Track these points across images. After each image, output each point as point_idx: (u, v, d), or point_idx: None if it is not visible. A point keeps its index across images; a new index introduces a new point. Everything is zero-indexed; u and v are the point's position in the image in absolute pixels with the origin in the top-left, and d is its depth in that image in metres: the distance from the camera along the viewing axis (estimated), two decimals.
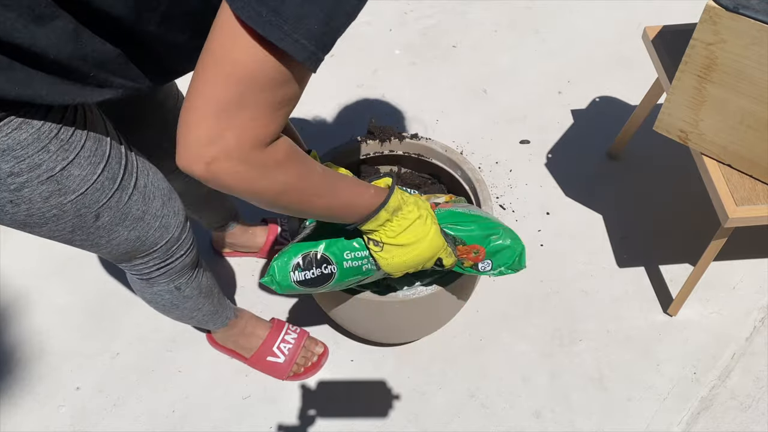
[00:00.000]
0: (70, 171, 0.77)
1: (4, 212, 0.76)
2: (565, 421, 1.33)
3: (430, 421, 1.34)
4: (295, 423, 1.34)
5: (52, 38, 0.65)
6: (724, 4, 1.03)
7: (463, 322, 1.46)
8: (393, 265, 0.93)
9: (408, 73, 2.06)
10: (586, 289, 1.53)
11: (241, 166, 0.66)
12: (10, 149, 0.71)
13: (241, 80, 0.62)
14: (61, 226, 0.82)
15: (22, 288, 1.57)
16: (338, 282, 0.99)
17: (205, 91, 0.63)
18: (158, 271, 1.03)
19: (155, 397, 1.39)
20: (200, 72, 0.63)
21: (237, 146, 0.65)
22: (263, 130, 0.66)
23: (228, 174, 0.66)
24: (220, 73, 0.62)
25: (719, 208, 1.20)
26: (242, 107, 0.63)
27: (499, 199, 1.71)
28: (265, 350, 1.37)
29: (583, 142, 1.83)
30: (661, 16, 1.96)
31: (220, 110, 0.63)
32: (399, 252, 0.92)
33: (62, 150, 0.75)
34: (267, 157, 0.68)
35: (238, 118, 0.63)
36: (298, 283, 0.98)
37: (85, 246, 0.89)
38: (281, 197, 0.74)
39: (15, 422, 1.36)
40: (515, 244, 1.04)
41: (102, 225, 0.86)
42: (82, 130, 0.78)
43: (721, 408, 1.33)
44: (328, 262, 0.97)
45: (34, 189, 0.75)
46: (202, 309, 1.20)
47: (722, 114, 1.17)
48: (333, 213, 0.83)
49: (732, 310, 1.47)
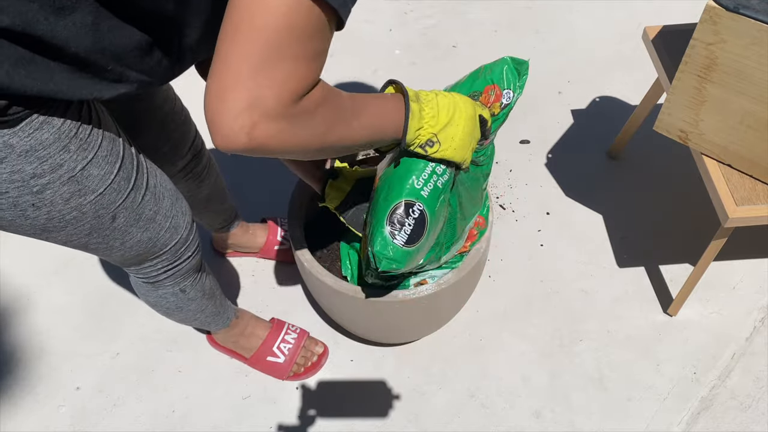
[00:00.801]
0: (90, 171, 0.77)
1: (26, 217, 0.76)
2: (565, 421, 1.33)
3: (430, 421, 1.34)
4: (295, 423, 1.34)
5: (72, 30, 0.65)
6: (724, 4, 1.03)
7: (463, 322, 1.47)
8: (458, 148, 0.88)
9: (408, 73, 2.06)
10: (586, 289, 1.53)
11: (284, 123, 0.62)
12: (33, 150, 0.70)
13: (276, 31, 0.58)
14: (79, 229, 0.82)
15: (22, 288, 1.57)
16: (434, 216, 0.93)
17: (236, 49, 0.59)
18: (165, 273, 1.03)
19: (155, 397, 1.39)
20: (228, 31, 0.60)
21: (278, 104, 0.61)
22: (303, 82, 0.62)
23: (273, 136, 0.62)
24: (253, 27, 0.58)
25: (719, 208, 1.20)
26: (280, 60, 0.59)
27: (499, 199, 1.71)
28: (265, 350, 1.37)
29: (583, 142, 1.84)
30: (661, 16, 1.97)
31: (257, 67, 0.59)
32: (452, 131, 0.87)
33: (82, 149, 0.75)
34: (307, 106, 0.65)
35: (277, 73, 0.59)
36: (408, 242, 0.91)
37: (100, 250, 0.89)
38: (327, 137, 0.70)
39: (15, 422, 1.36)
40: (500, 61, 1.02)
41: (118, 226, 0.86)
42: (98, 129, 0.78)
43: (721, 408, 1.33)
44: (410, 205, 0.91)
45: (56, 190, 0.75)
46: (205, 311, 1.20)
47: (722, 114, 1.17)
48: (375, 130, 0.79)
49: (732, 310, 1.47)
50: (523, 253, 1.60)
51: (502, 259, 1.59)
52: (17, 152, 0.69)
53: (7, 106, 0.66)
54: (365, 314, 1.20)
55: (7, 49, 0.63)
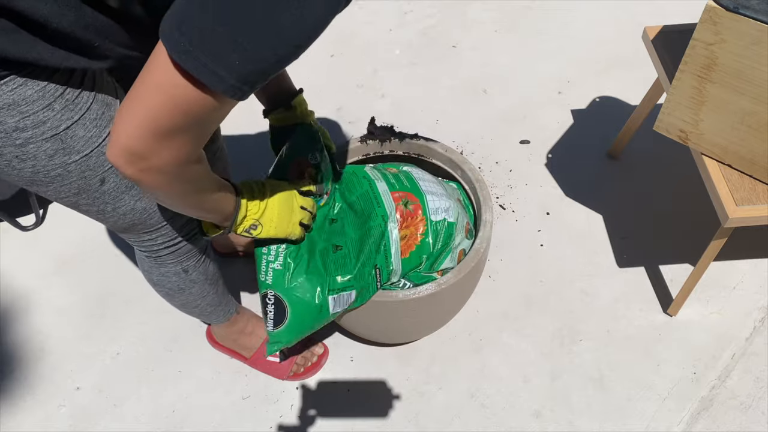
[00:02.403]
0: (75, 131, 0.79)
1: (12, 167, 0.78)
2: (565, 421, 1.33)
3: (430, 421, 1.34)
4: (295, 423, 1.34)
5: (53, 7, 0.67)
6: (724, 4, 1.03)
7: (463, 322, 1.47)
8: (278, 225, 1.01)
9: (408, 73, 2.06)
10: (586, 289, 1.53)
11: (167, 178, 0.72)
12: (15, 104, 0.72)
13: (180, 110, 0.65)
14: (66, 187, 0.83)
15: (22, 288, 1.57)
16: (288, 293, 1.09)
17: (143, 112, 0.65)
18: (167, 249, 1.04)
19: (155, 397, 1.39)
20: (140, 87, 0.66)
21: (169, 164, 0.70)
22: (194, 152, 0.73)
23: (152, 183, 0.72)
24: (160, 98, 0.64)
25: (719, 208, 1.20)
26: (179, 133, 0.67)
27: (499, 199, 1.71)
28: (265, 350, 1.37)
29: (583, 142, 1.84)
30: (661, 16, 1.96)
31: (160, 133, 0.66)
32: (269, 213, 1.00)
33: (67, 110, 0.77)
34: (194, 172, 0.76)
35: (175, 142, 0.68)
36: (275, 325, 1.09)
37: (92, 212, 0.90)
38: (186, 200, 0.81)
39: (15, 422, 1.36)
40: (294, 134, 1.16)
41: (107, 190, 0.87)
42: (90, 92, 0.80)
43: (721, 408, 1.33)
44: (264, 296, 1.10)
45: (38, 146, 0.77)
46: (207, 297, 1.20)
47: (722, 114, 1.17)
48: (217, 205, 0.89)
49: (732, 310, 1.47)
50: (523, 253, 1.60)
51: (502, 259, 1.59)
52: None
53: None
54: (365, 314, 1.20)
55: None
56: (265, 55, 0.63)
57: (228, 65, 0.61)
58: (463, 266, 1.16)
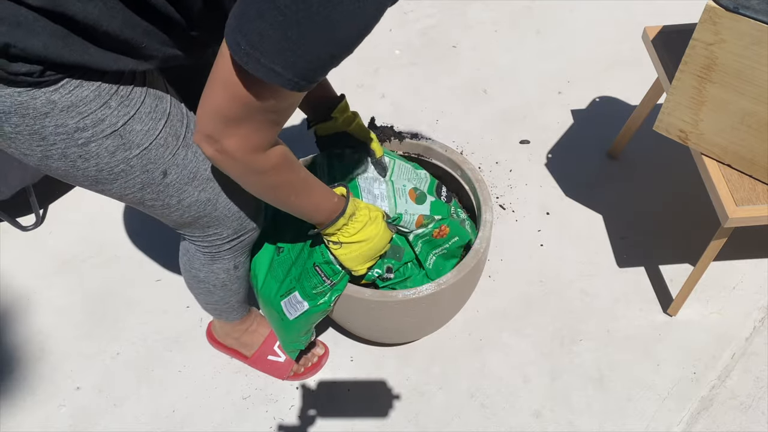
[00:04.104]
0: (132, 126, 0.81)
1: (77, 168, 0.81)
2: (565, 421, 1.33)
3: (430, 421, 1.34)
4: (295, 423, 1.34)
5: (102, 10, 0.69)
6: (724, 4, 1.03)
7: (463, 322, 1.47)
8: (353, 260, 1.05)
9: (408, 73, 2.06)
10: (586, 289, 1.53)
11: (240, 164, 0.80)
12: (74, 105, 0.75)
13: (241, 101, 0.72)
14: (130, 183, 0.85)
15: (22, 288, 1.57)
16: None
17: (213, 101, 0.74)
18: (229, 244, 1.05)
19: (155, 397, 1.39)
20: (210, 81, 0.73)
21: (238, 150, 0.77)
22: (262, 140, 0.78)
23: (228, 166, 0.81)
24: (225, 92, 0.72)
25: (719, 208, 1.20)
26: (244, 122, 0.74)
27: (499, 199, 1.71)
28: (266, 349, 1.37)
29: (583, 142, 1.84)
30: (661, 16, 1.96)
31: (226, 121, 0.74)
32: (356, 247, 1.04)
33: (123, 105, 0.80)
34: (263, 162, 0.81)
35: (241, 129, 0.75)
36: None
37: (157, 207, 0.91)
38: (266, 192, 0.89)
39: (15, 422, 1.36)
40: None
41: (170, 183, 0.88)
42: (141, 87, 0.82)
43: (721, 408, 1.33)
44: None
45: (100, 143, 0.80)
46: (240, 293, 1.22)
47: (722, 114, 1.17)
48: (303, 211, 0.96)
49: (732, 310, 1.47)
50: (523, 253, 1.60)
51: (502, 259, 1.59)
52: (59, 107, 0.74)
53: (42, 71, 0.71)
54: (365, 314, 1.20)
55: (44, 23, 0.69)
56: (320, 52, 0.67)
57: (284, 62, 0.66)
58: (463, 266, 1.16)
